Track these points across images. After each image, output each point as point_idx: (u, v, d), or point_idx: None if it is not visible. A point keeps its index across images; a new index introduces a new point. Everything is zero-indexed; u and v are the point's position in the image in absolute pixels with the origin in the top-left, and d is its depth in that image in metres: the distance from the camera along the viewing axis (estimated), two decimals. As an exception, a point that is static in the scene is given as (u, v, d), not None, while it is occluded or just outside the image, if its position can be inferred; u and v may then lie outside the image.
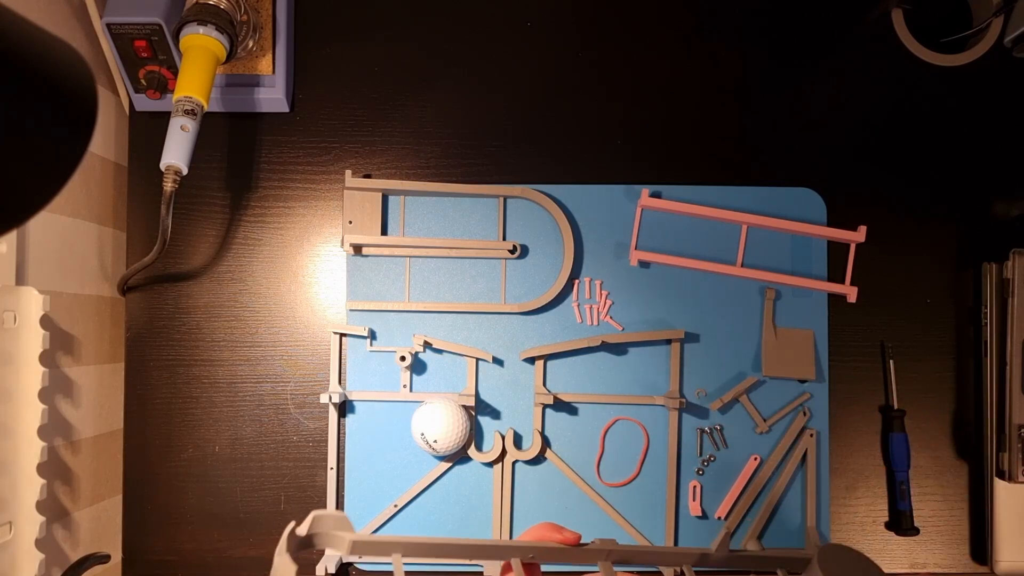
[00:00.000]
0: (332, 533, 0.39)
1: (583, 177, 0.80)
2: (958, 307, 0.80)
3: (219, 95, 0.78)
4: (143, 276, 0.79)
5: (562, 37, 0.81)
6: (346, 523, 0.40)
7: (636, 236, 0.79)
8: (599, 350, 0.79)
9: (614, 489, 0.79)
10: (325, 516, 0.39)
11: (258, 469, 0.80)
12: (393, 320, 0.79)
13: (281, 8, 0.78)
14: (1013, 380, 0.75)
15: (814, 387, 0.79)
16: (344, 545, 0.39)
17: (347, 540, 0.39)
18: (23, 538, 0.64)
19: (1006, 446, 0.75)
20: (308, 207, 0.81)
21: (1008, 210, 0.80)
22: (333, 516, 0.39)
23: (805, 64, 0.81)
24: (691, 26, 0.82)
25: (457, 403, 0.76)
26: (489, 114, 0.81)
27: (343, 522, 0.40)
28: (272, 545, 0.79)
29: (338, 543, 0.39)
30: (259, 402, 0.80)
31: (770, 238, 0.79)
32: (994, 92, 0.80)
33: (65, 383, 0.73)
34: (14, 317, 0.64)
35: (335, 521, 0.39)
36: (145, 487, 0.80)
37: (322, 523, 0.39)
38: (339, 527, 0.39)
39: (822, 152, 0.81)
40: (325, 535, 0.39)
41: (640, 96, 0.81)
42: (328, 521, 0.39)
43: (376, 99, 0.81)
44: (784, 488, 0.78)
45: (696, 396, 0.79)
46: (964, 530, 0.79)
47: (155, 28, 0.71)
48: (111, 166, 0.81)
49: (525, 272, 0.80)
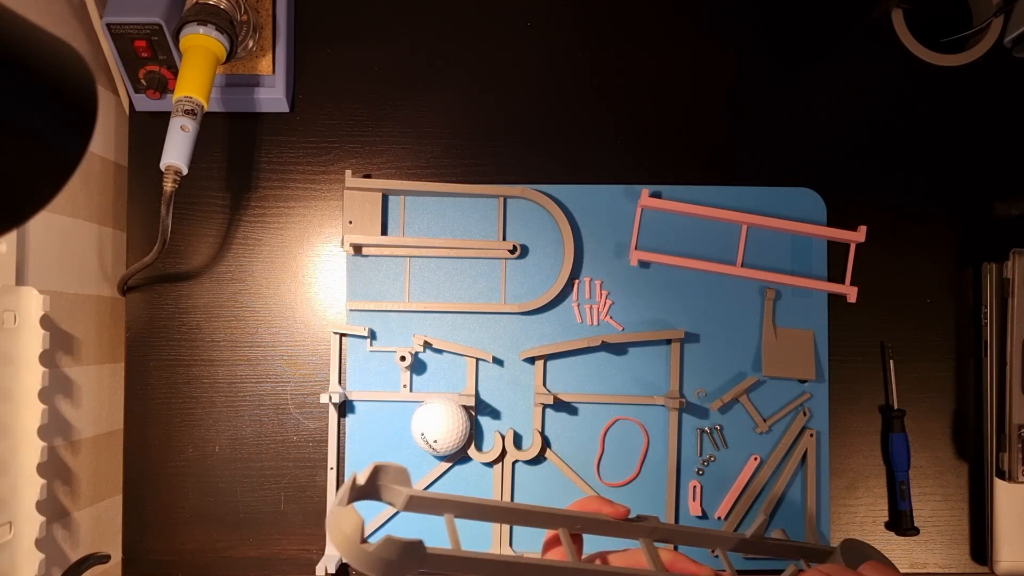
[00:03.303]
0: (391, 486, 0.38)
1: (583, 177, 0.80)
2: (958, 307, 0.80)
3: (219, 95, 0.78)
4: (143, 276, 0.79)
5: (562, 37, 0.82)
6: (406, 477, 0.39)
7: (636, 236, 0.79)
8: (599, 350, 0.79)
9: (614, 489, 0.79)
10: (387, 467, 0.38)
11: (258, 469, 0.80)
12: (393, 320, 0.79)
13: (281, 8, 0.78)
14: (1013, 380, 0.75)
15: (814, 387, 0.79)
16: (400, 499, 0.38)
17: (404, 494, 0.38)
18: (23, 538, 0.64)
19: (1006, 446, 0.75)
20: (308, 207, 0.81)
21: (1008, 210, 0.80)
22: (394, 468, 0.38)
23: (805, 64, 0.81)
24: (691, 26, 0.82)
25: (457, 403, 0.76)
26: (489, 114, 0.81)
27: (403, 476, 0.39)
28: (272, 545, 0.79)
29: (395, 496, 0.38)
30: (259, 402, 0.80)
31: (770, 238, 0.79)
32: (994, 92, 0.80)
33: (65, 383, 0.73)
34: (14, 317, 0.64)
35: (395, 474, 0.38)
36: (145, 487, 0.80)
37: (383, 474, 0.38)
38: (398, 480, 0.39)
39: (822, 152, 0.81)
40: (385, 487, 0.38)
41: (640, 96, 0.81)
42: (389, 473, 0.38)
43: (376, 99, 0.81)
44: (784, 488, 0.78)
45: (696, 396, 0.79)
46: (964, 530, 0.79)
47: (155, 28, 0.71)
48: (111, 166, 0.81)
49: (525, 272, 0.80)
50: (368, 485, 0.38)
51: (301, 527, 0.79)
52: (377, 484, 0.39)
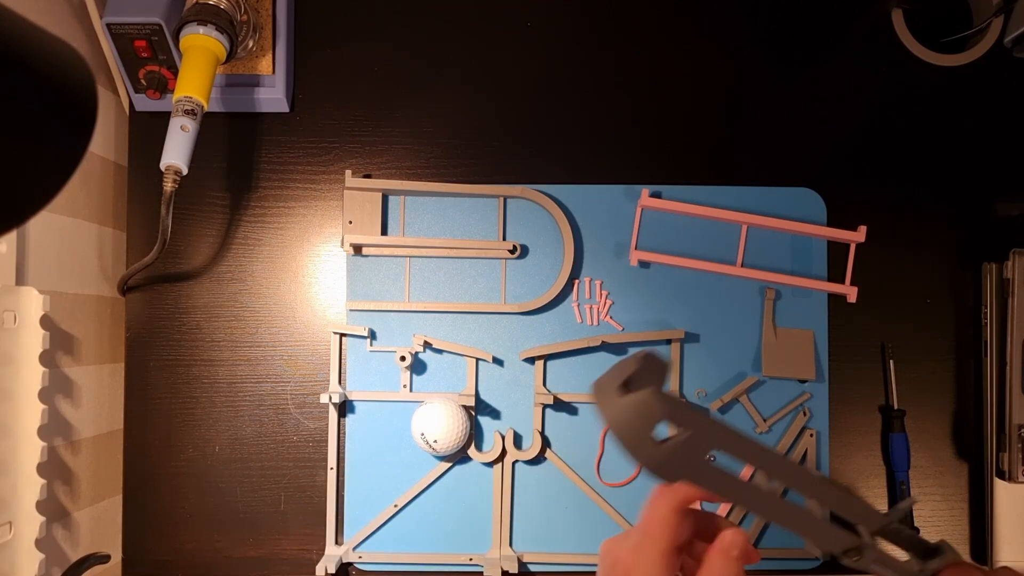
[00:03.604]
0: (651, 377, 0.37)
1: (583, 177, 0.80)
2: (958, 307, 0.80)
3: (219, 95, 0.78)
4: (143, 276, 0.79)
5: (562, 37, 0.81)
6: (666, 372, 0.38)
7: (636, 236, 0.79)
8: (599, 350, 0.79)
9: (614, 489, 0.79)
10: (653, 357, 0.37)
11: (258, 469, 0.80)
12: (393, 320, 0.79)
13: (281, 8, 0.78)
14: (1013, 380, 0.75)
15: (814, 387, 0.79)
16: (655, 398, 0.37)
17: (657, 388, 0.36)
18: (23, 538, 0.64)
19: (1006, 446, 0.75)
20: (308, 207, 0.81)
21: (1008, 210, 0.80)
22: (659, 364, 0.37)
23: (805, 64, 0.81)
24: (692, 26, 0.82)
25: (457, 403, 0.76)
26: (489, 114, 0.81)
27: (664, 371, 0.37)
28: (272, 545, 0.79)
29: (655, 382, 0.37)
30: (259, 402, 0.80)
31: (770, 238, 0.79)
32: (994, 92, 0.80)
33: (65, 383, 0.73)
34: (14, 317, 0.64)
35: (659, 367, 0.37)
36: (145, 487, 0.80)
37: (648, 364, 0.37)
38: (661, 374, 0.37)
39: (822, 152, 0.81)
40: (649, 378, 0.37)
41: (640, 96, 0.81)
42: (654, 365, 0.37)
43: (376, 99, 0.81)
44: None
45: (696, 396, 0.79)
46: (964, 530, 0.79)
47: (155, 28, 0.71)
48: (111, 166, 0.81)
49: (525, 272, 0.80)
50: (629, 377, 0.36)
51: (301, 527, 0.79)
52: (642, 376, 0.37)
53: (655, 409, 0.34)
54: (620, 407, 0.35)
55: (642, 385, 0.37)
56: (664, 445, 0.35)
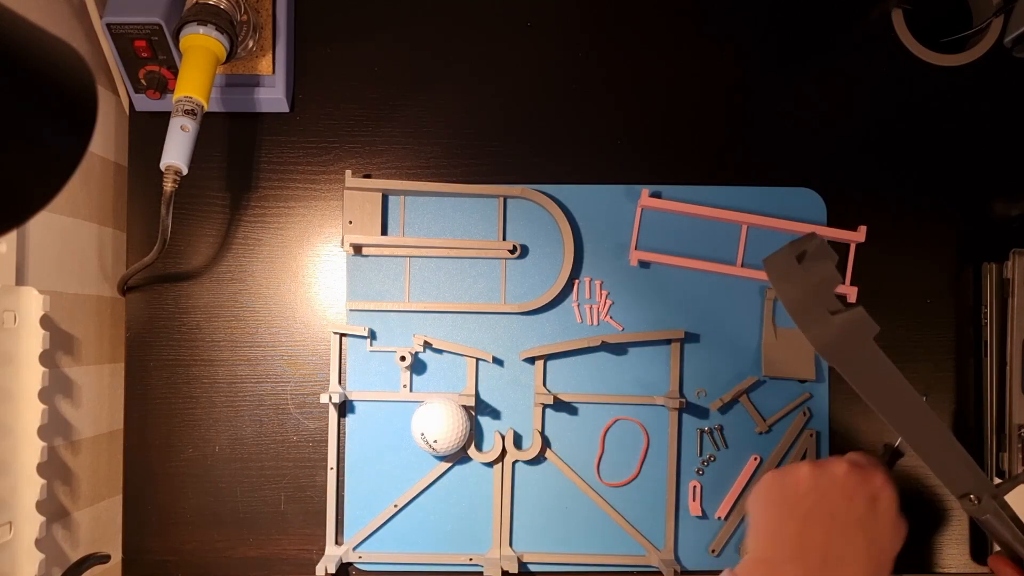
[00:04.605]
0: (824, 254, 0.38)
1: (583, 177, 0.80)
2: (958, 307, 0.80)
3: (219, 95, 0.78)
4: (143, 276, 0.79)
5: (562, 37, 0.81)
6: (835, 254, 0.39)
7: (636, 236, 0.79)
8: (599, 350, 0.79)
9: (614, 489, 0.79)
10: (823, 239, 0.39)
11: (258, 469, 0.80)
12: (393, 320, 0.79)
13: (281, 8, 0.78)
14: (1013, 380, 0.75)
15: (814, 387, 0.79)
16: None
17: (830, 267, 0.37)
18: (23, 538, 0.64)
19: (1006, 446, 0.75)
20: (308, 207, 0.81)
21: (1008, 210, 0.80)
22: (827, 246, 0.38)
23: (805, 64, 0.81)
24: (691, 26, 0.82)
25: (457, 403, 0.76)
26: (489, 114, 0.81)
27: (833, 253, 0.39)
28: (272, 545, 0.79)
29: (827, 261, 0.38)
30: (259, 402, 0.80)
31: (770, 238, 0.79)
32: (994, 92, 0.80)
33: (65, 383, 0.73)
34: (14, 317, 0.64)
35: (829, 250, 0.38)
36: (145, 487, 0.80)
37: (820, 245, 0.38)
38: (832, 254, 0.39)
39: (822, 152, 0.81)
40: (823, 255, 0.38)
41: (640, 96, 0.81)
42: (824, 246, 0.38)
43: (376, 99, 0.81)
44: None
45: (696, 396, 0.79)
46: (964, 530, 0.79)
47: (155, 28, 0.71)
48: (111, 166, 0.81)
49: (525, 272, 0.80)
50: (801, 254, 0.38)
51: (301, 527, 0.79)
52: (813, 252, 0.38)
53: (837, 276, 0.36)
54: (798, 277, 0.37)
55: (815, 261, 0.38)
56: (836, 317, 0.35)
